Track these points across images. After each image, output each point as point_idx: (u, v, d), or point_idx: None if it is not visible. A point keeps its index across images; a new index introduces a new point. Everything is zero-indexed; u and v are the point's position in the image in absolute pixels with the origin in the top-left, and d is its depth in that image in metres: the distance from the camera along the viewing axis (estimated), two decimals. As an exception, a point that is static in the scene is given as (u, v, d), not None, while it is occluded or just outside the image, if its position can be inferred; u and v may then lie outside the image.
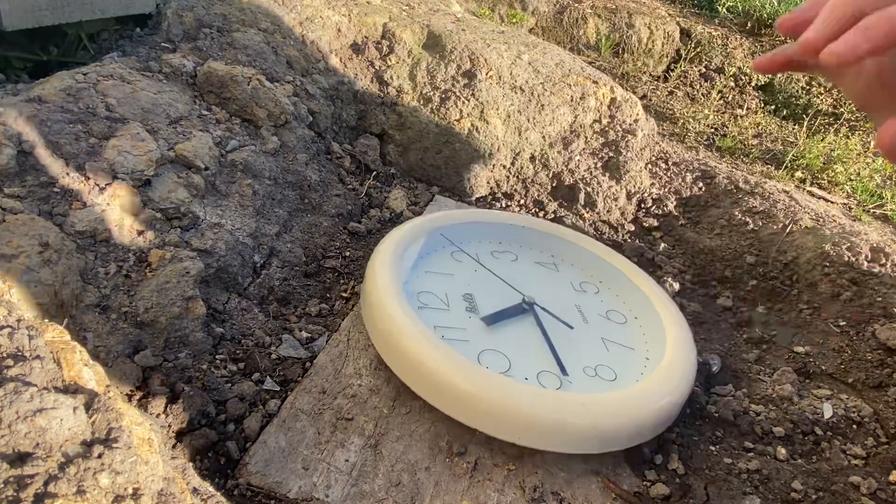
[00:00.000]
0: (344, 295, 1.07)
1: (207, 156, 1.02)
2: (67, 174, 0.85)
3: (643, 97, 2.33)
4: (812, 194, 1.77)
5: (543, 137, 1.54)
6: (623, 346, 1.03)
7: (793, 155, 1.99)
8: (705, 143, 2.07)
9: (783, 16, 0.52)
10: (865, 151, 2.13)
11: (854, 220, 1.58)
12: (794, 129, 2.31)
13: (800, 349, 1.15)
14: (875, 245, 1.27)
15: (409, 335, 0.84)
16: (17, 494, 0.39)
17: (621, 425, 0.82)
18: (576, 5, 2.55)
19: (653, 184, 1.61)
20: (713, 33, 2.56)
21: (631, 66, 2.50)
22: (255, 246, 1.03)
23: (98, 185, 0.86)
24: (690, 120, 2.15)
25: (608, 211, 1.54)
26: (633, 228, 1.53)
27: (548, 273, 1.20)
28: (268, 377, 0.86)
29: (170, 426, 0.72)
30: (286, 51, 1.36)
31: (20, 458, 0.41)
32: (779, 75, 2.50)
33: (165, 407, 0.74)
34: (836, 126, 2.26)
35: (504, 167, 1.53)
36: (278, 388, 0.85)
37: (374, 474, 0.74)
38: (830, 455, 0.90)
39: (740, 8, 2.74)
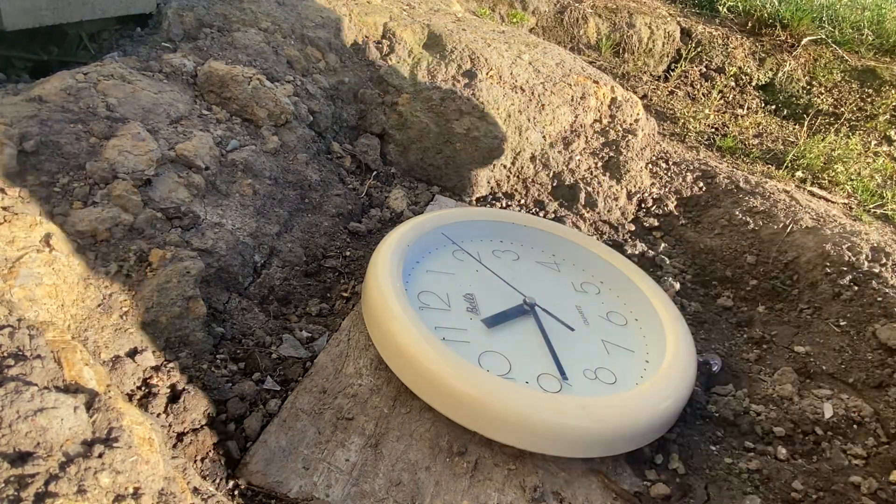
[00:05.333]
0: (344, 294, 1.07)
1: (208, 155, 1.02)
2: (68, 174, 0.85)
3: (644, 97, 2.33)
4: (813, 194, 1.77)
5: (544, 137, 1.54)
6: (623, 349, 1.03)
7: (793, 155, 1.99)
8: (706, 142, 2.07)
9: None
10: (866, 151, 2.13)
11: (854, 220, 1.58)
12: (794, 128, 2.31)
13: (800, 349, 1.15)
14: (875, 245, 1.27)
15: (409, 337, 0.84)
16: (18, 494, 0.39)
17: (620, 429, 0.82)
18: (576, 5, 2.55)
19: (653, 183, 1.61)
20: (714, 33, 2.56)
21: (631, 66, 2.50)
22: (256, 245, 1.03)
23: (99, 184, 0.86)
24: (691, 120, 2.15)
25: (608, 210, 1.54)
26: (633, 228, 1.53)
27: (549, 273, 1.20)
28: (268, 377, 0.86)
29: (170, 426, 0.72)
30: (286, 51, 1.37)
31: (21, 458, 0.41)
32: (779, 74, 2.50)
33: (166, 407, 0.74)
34: (836, 126, 2.26)
35: (504, 167, 1.53)
36: (279, 388, 0.85)
37: (374, 474, 0.74)
38: (831, 455, 0.90)
39: (741, 8, 2.74)
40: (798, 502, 0.82)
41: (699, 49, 2.51)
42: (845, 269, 1.22)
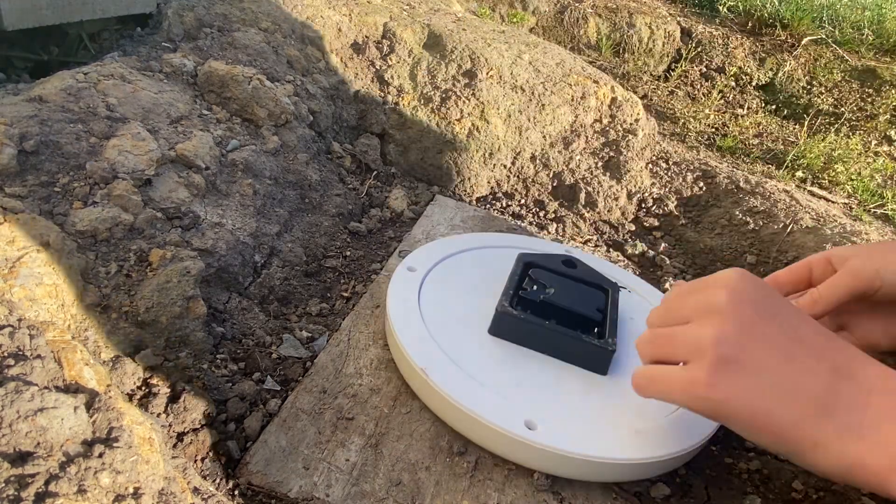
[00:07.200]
0: (344, 294, 1.07)
1: (208, 155, 1.02)
2: (68, 174, 0.85)
3: (644, 97, 2.33)
4: (813, 194, 1.77)
5: (544, 137, 1.54)
6: None
7: (793, 155, 1.99)
8: (706, 142, 2.07)
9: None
10: (866, 151, 2.13)
11: (855, 220, 1.58)
12: (794, 128, 2.31)
13: (800, 349, 1.15)
14: (876, 245, 1.27)
15: None
16: (18, 493, 0.39)
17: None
18: (576, 5, 2.55)
19: (653, 183, 1.61)
20: (714, 33, 2.56)
21: (632, 66, 2.50)
22: (256, 245, 1.03)
23: (99, 184, 0.86)
24: (691, 119, 2.15)
25: (609, 210, 1.54)
26: (633, 228, 1.53)
27: None
28: (268, 377, 0.86)
29: (170, 426, 0.72)
30: (287, 50, 1.37)
31: (21, 458, 0.41)
32: (779, 74, 2.50)
33: (166, 406, 0.74)
34: (836, 126, 2.26)
35: (504, 167, 1.53)
36: (279, 388, 0.85)
37: (374, 474, 0.74)
38: (831, 455, 0.90)
39: (741, 7, 2.74)
40: (798, 502, 0.82)
41: (699, 49, 2.51)
42: (845, 269, 1.22)
